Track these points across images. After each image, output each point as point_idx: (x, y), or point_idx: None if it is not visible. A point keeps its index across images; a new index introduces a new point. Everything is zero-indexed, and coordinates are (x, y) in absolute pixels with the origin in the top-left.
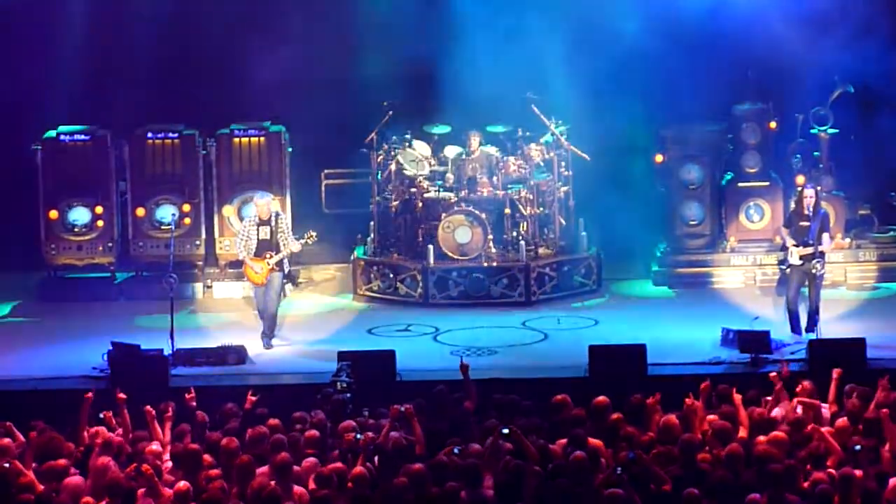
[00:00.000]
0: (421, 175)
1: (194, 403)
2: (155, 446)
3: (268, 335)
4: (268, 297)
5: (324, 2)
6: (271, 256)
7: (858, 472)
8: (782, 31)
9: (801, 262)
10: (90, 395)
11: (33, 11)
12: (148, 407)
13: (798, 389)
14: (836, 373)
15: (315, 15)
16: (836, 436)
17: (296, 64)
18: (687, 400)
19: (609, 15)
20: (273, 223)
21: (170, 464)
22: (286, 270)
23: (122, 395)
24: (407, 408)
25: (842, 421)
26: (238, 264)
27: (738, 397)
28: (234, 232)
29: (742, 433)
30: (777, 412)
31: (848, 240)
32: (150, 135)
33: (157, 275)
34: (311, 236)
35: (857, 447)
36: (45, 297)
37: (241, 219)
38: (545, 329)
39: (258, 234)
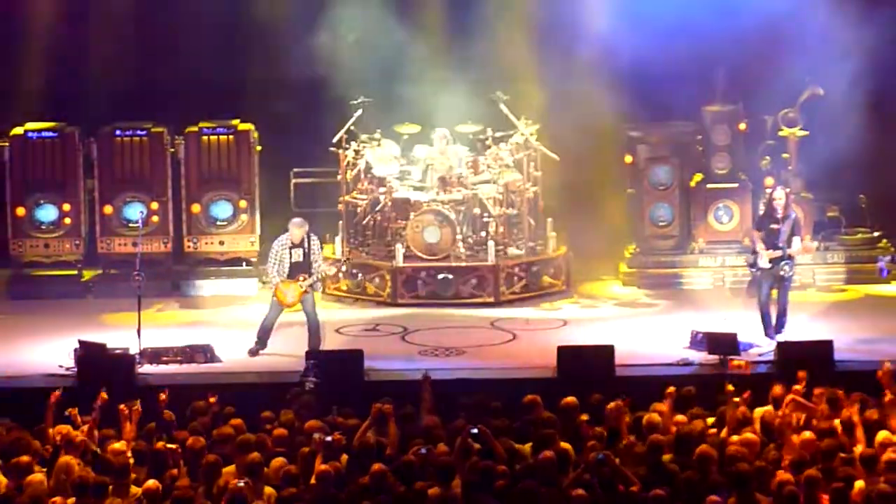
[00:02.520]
0: (390, 174)
1: (165, 404)
2: (118, 445)
3: (315, 345)
4: (309, 318)
5: (294, 1)
6: (304, 279)
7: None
8: (752, 33)
9: (770, 266)
10: (57, 393)
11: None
12: (122, 406)
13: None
14: (801, 374)
15: (284, 13)
16: (807, 439)
17: (264, 62)
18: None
19: (579, 15)
20: (306, 246)
21: (132, 461)
22: (317, 289)
23: (104, 396)
24: (386, 406)
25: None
26: (209, 262)
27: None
28: (203, 230)
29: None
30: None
31: (815, 244)
32: (118, 132)
33: (124, 273)
34: (348, 259)
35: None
36: (13, 294)
37: (211, 218)
38: (514, 329)
39: (291, 257)
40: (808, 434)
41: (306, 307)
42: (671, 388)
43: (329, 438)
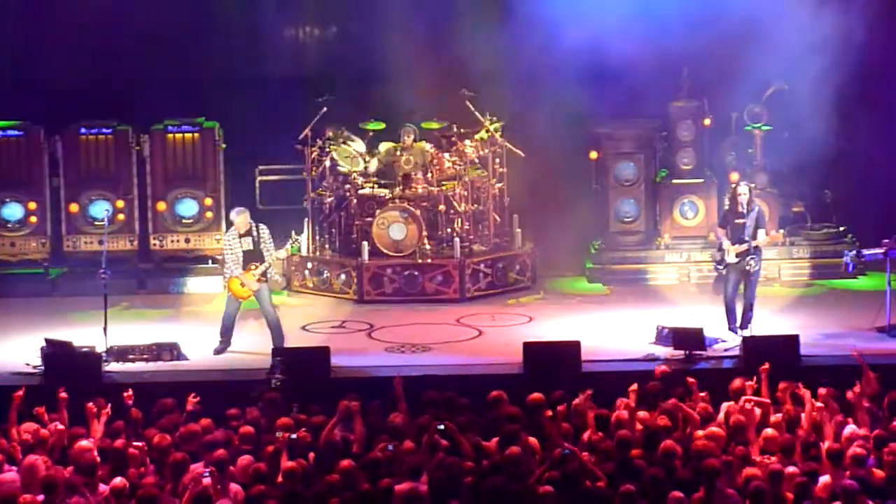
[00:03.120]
0: (355, 171)
1: (131, 402)
2: (85, 443)
3: (279, 342)
4: (266, 311)
5: None
6: (256, 267)
7: (791, 469)
8: (717, 29)
9: (737, 261)
10: (20, 392)
11: None
12: (90, 404)
13: (733, 388)
14: (763, 369)
15: (249, 10)
16: (774, 433)
17: (230, 60)
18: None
19: (545, 12)
20: (254, 233)
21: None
22: (281, 281)
23: (63, 395)
24: (353, 403)
25: (776, 418)
26: (175, 260)
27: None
28: (169, 228)
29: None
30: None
31: (781, 232)
32: (83, 130)
33: (90, 271)
34: (296, 240)
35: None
36: None
37: (177, 216)
38: (480, 326)
39: (241, 247)
40: (770, 430)
41: (263, 304)
42: (634, 385)
43: (294, 436)
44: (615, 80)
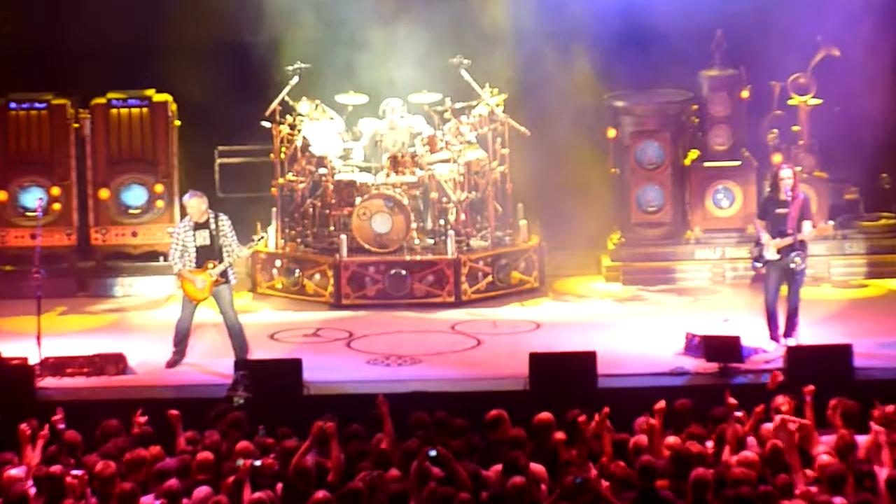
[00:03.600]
0: (332, 153)
1: (62, 426)
2: (15, 471)
3: (242, 353)
4: (227, 319)
5: None
6: (214, 266)
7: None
8: None
9: (778, 257)
10: None
11: None
12: (23, 426)
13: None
14: (808, 391)
15: None
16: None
17: (185, 23)
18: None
19: None
20: (213, 226)
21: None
22: (232, 281)
23: None
24: (329, 425)
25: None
26: (120, 257)
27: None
28: (114, 219)
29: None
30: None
31: (831, 224)
32: (12, 105)
33: (21, 269)
34: (261, 237)
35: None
36: None
37: (122, 206)
38: (478, 334)
39: (195, 240)
40: (818, 456)
41: (222, 306)
42: (661, 404)
43: (258, 463)
44: (637, 45)
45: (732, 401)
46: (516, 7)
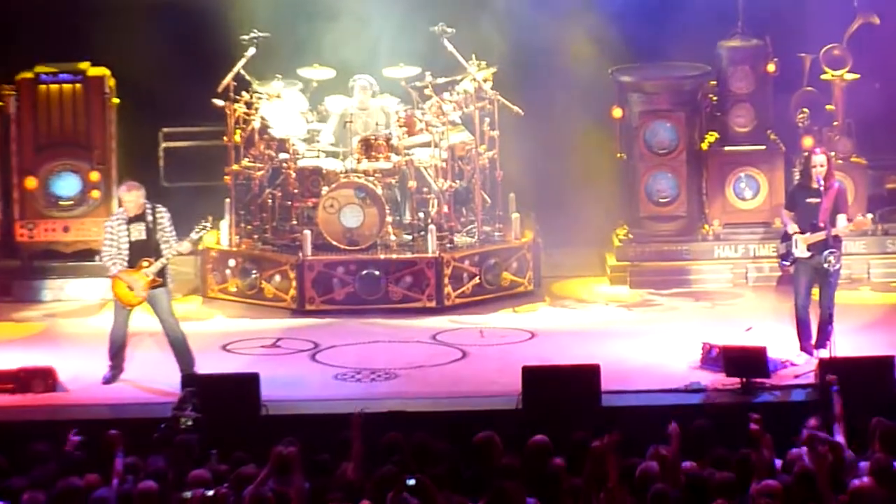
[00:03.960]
0: (294, 135)
1: None
2: None
3: (188, 366)
4: (166, 327)
5: None
6: (149, 264)
7: None
8: None
9: (809, 255)
10: None
11: None
12: None
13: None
14: (837, 406)
15: None
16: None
17: None
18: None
19: None
20: (149, 219)
21: None
22: (169, 283)
23: None
24: (290, 449)
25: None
26: (50, 255)
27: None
28: (42, 212)
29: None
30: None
31: (869, 217)
32: None
33: None
34: (204, 226)
35: None
36: None
37: (52, 197)
38: (463, 344)
39: (129, 235)
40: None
41: (160, 313)
42: (674, 425)
43: (210, 493)
44: (646, 11)
45: (755, 424)
46: None
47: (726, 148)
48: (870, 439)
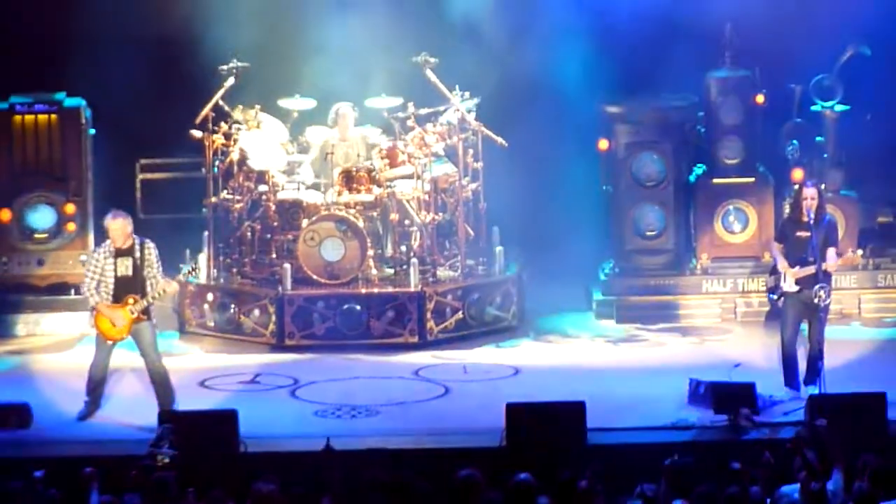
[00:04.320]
0: (274, 167)
1: None
2: None
3: (167, 403)
4: (148, 360)
5: None
6: (135, 301)
7: None
8: None
9: (798, 289)
10: None
11: None
12: None
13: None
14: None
15: None
16: None
17: (101, 14)
18: None
19: None
20: (138, 253)
21: None
22: (154, 319)
23: None
24: (269, 487)
25: None
26: (24, 289)
27: None
28: (16, 245)
29: None
30: None
31: (859, 252)
32: None
33: None
34: (194, 269)
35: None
36: None
37: (27, 229)
38: (446, 380)
39: (116, 270)
40: None
41: (143, 347)
42: (666, 462)
43: None
44: (634, 42)
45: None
46: None
47: (715, 180)
48: (859, 477)
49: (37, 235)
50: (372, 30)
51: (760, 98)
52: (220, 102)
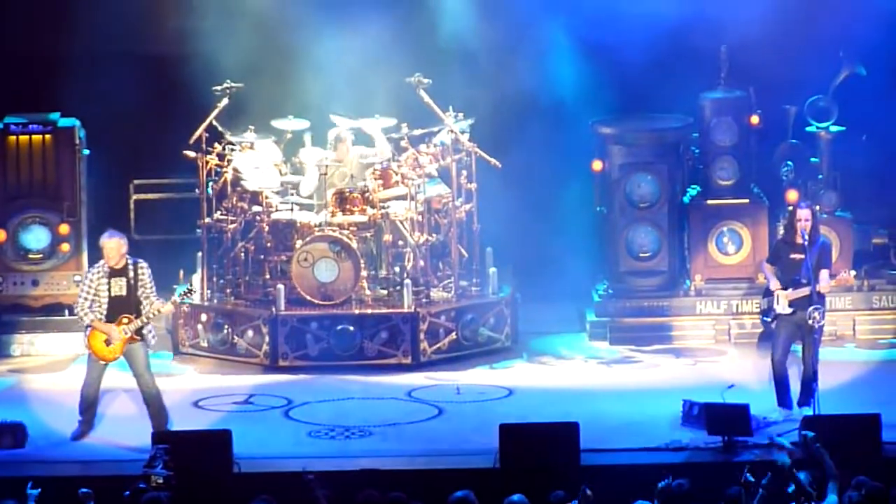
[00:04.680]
0: (268, 188)
1: None
2: None
3: (161, 423)
4: (141, 381)
5: None
6: (129, 321)
7: None
8: None
9: (791, 311)
10: None
11: None
12: None
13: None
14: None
15: None
16: None
17: (95, 34)
18: None
19: None
20: (131, 273)
21: None
22: (150, 340)
23: None
24: None
25: None
26: (18, 310)
27: None
28: (10, 265)
29: None
30: None
31: (853, 273)
32: None
33: None
34: (190, 291)
35: None
36: None
37: (21, 249)
38: (439, 401)
39: (110, 290)
40: None
41: (137, 368)
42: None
43: None
44: (628, 63)
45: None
46: (484, 18)
47: (709, 201)
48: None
49: (31, 256)
50: (365, 51)
51: (755, 119)
52: (214, 123)
